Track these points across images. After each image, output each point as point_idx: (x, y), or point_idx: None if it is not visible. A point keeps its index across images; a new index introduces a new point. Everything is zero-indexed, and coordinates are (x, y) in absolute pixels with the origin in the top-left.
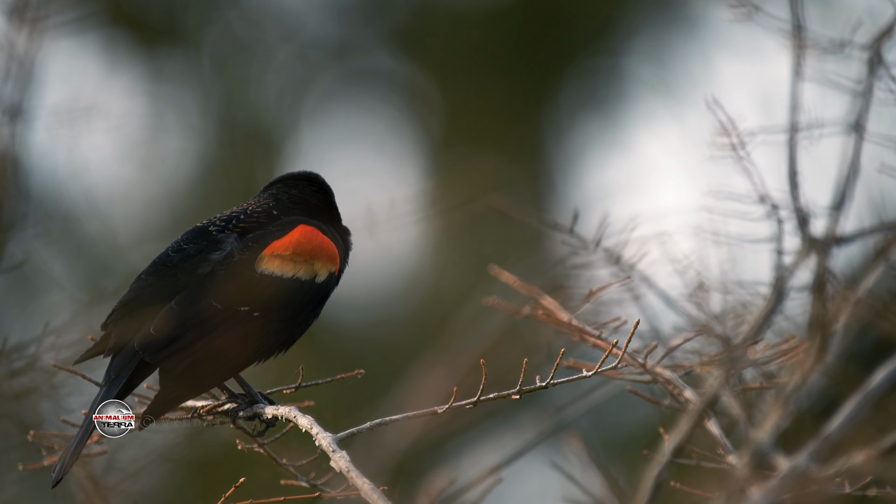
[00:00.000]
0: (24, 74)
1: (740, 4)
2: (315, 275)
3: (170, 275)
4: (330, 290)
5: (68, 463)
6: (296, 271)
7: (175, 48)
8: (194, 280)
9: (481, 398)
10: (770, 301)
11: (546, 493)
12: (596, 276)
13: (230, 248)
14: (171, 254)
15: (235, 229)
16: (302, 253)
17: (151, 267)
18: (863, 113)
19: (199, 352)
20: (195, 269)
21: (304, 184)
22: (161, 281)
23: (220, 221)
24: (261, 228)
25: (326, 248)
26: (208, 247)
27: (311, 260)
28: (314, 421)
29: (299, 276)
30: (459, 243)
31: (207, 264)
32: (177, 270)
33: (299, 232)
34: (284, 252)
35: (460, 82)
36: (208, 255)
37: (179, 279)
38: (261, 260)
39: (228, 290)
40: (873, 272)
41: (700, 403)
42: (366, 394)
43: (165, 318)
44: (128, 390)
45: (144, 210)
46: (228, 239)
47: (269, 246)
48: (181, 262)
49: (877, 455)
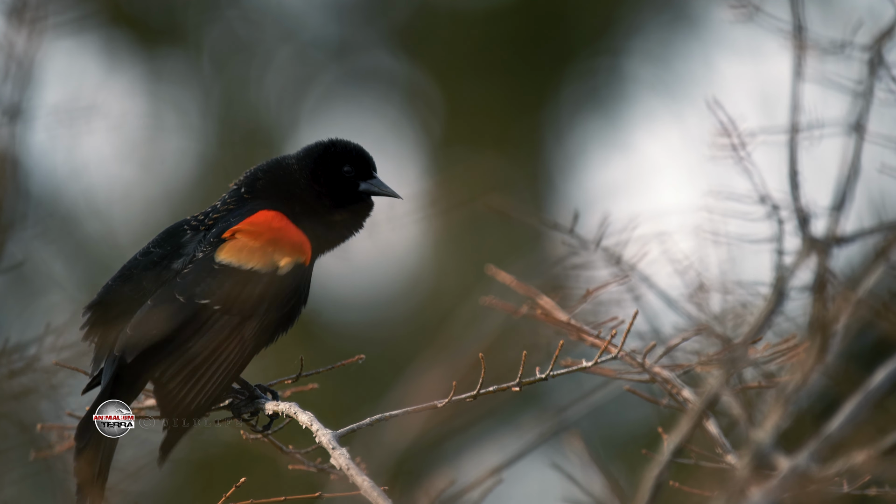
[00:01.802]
0: (24, 74)
1: (741, 5)
2: (276, 266)
3: (135, 280)
4: (300, 281)
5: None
6: (252, 262)
7: (175, 48)
8: (158, 285)
9: (481, 391)
10: (770, 301)
11: (546, 494)
12: (596, 276)
13: (192, 250)
14: (139, 257)
15: (208, 223)
16: (258, 241)
17: (119, 272)
18: (863, 113)
19: (180, 356)
20: (157, 277)
21: (301, 158)
22: (124, 286)
23: (201, 215)
24: (224, 220)
25: (289, 235)
26: (171, 253)
27: (269, 248)
28: (314, 417)
29: (256, 268)
30: (459, 243)
31: (169, 272)
32: (141, 277)
33: (256, 218)
34: (240, 241)
35: (460, 82)
36: (170, 264)
37: (143, 287)
38: (219, 251)
39: (190, 284)
40: (873, 272)
41: (700, 403)
42: (365, 393)
43: (140, 319)
44: (114, 393)
45: (144, 210)
46: (193, 241)
47: (225, 235)
48: (145, 269)
49: (877, 455)
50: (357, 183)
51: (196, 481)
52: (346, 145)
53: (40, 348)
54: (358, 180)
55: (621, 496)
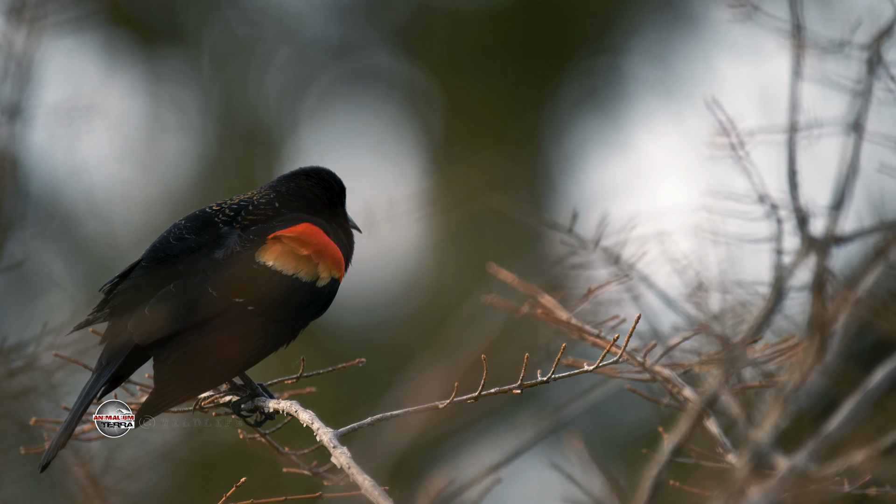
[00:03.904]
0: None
1: (740, 4)
2: (317, 277)
3: (170, 264)
4: (331, 296)
5: (55, 447)
6: (297, 270)
7: (175, 48)
8: (194, 271)
9: (482, 393)
10: (769, 301)
11: (545, 493)
12: (595, 276)
13: (233, 244)
14: (173, 241)
15: (243, 222)
16: (305, 250)
17: (151, 253)
18: (862, 113)
19: (192, 343)
20: (196, 263)
21: (308, 179)
22: (160, 269)
23: (230, 211)
24: (265, 222)
25: (331, 251)
26: (211, 242)
27: (315, 259)
28: (315, 416)
29: (299, 276)
30: (459, 243)
31: (209, 261)
32: (177, 262)
33: (303, 229)
34: (286, 247)
35: (460, 82)
36: (211, 253)
37: (179, 271)
38: (261, 253)
39: (226, 281)
40: (873, 272)
41: (700, 403)
42: (366, 393)
43: (161, 302)
44: (119, 378)
45: (144, 210)
46: (233, 235)
47: (271, 239)
48: (182, 253)
49: (876, 455)
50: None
51: (196, 481)
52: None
53: (39, 348)
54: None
55: (621, 496)
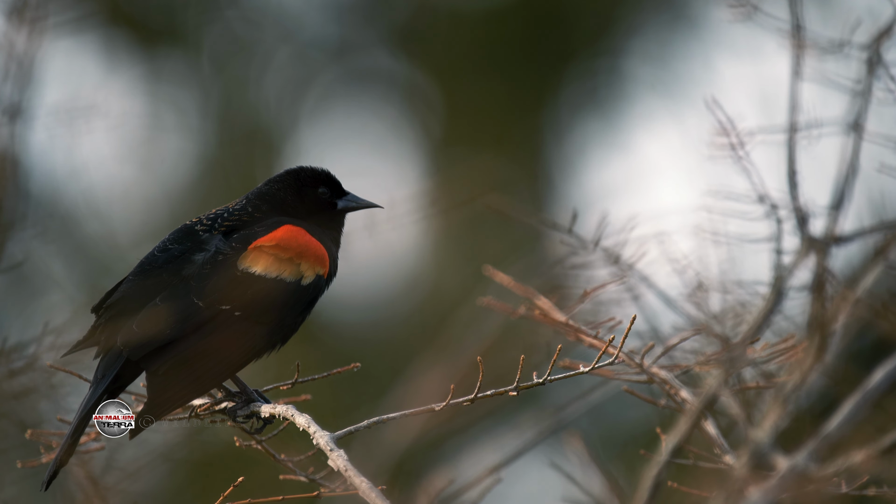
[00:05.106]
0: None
1: (740, 4)
2: (300, 276)
3: (155, 275)
4: (318, 293)
5: (57, 464)
6: (280, 271)
7: (174, 48)
8: (178, 280)
9: (479, 395)
10: (769, 301)
11: (545, 493)
12: (595, 276)
13: (215, 248)
14: (157, 254)
15: (220, 228)
16: (287, 252)
17: (138, 267)
18: (862, 112)
19: (182, 352)
20: (180, 269)
21: (282, 181)
22: (147, 281)
23: (207, 220)
24: (245, 227)
25: (313, 248)
26: (193, 247)
27: (297, 260)
28: (311, 419)
29: (283, 277)
30: (458, 243)
31: (192, 265)
32: (162, 271)
33: (284, 231)
34: (268, 251)
35: (460, 82)
36: (192, 256)
37: (164, 279)
38: (244, 258)
39: (211, 289)
40: (872, 272)
41: (699, 403)
42: (364, 394)
43: (149, 316)
44: (115, 391)
45: (144, 210)
46: (213, 239)
47: (253, 244)
48: (166, 262)
49: (876, 455)
50: (335, 203)
51: (196, 481)
52: (314, 170)
53: (39, 348)
54: (335, 199)
55: (620, 496)
